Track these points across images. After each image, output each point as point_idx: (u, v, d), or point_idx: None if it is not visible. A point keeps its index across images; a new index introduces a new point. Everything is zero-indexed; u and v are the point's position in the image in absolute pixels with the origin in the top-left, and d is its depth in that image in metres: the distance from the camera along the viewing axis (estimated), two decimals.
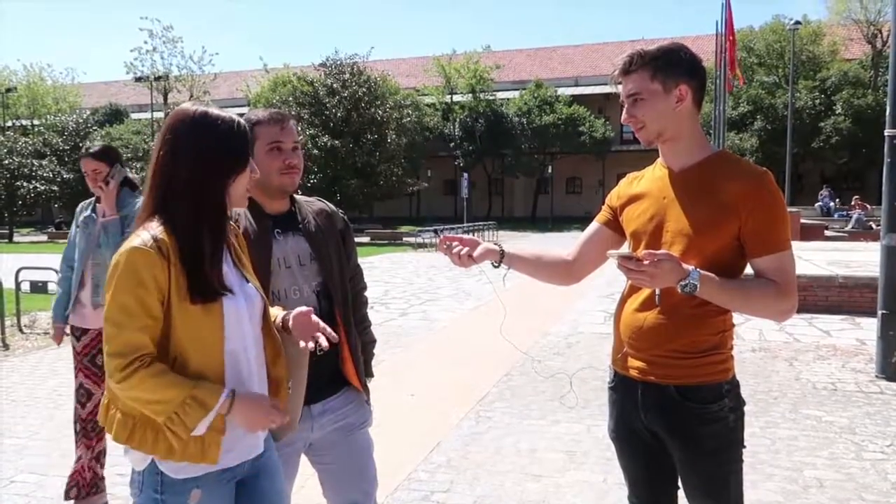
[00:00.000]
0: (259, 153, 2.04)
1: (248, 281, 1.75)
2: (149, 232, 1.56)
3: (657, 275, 1.67)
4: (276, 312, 1.91)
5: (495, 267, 2.03)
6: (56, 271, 9.00)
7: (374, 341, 2.43)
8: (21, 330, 8.34)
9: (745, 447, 1.92)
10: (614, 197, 2.07)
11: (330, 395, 2.15)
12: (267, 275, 2.02)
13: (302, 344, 1.77)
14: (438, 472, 3.92)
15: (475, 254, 1.94)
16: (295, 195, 2.20)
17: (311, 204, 2.25)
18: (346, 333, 2.16)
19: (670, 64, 1.82)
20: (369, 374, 2.35)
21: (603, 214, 2.10)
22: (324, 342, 1.77)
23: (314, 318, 1.81)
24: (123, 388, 1.52)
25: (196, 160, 1.60)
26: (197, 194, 1.60)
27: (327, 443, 2.18)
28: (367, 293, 2.48)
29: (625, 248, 1.96)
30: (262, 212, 2.08)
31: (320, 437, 2.16)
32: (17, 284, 8.67)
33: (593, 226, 2.12)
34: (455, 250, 1.95)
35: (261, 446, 1.76)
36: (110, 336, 1.53)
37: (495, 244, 2.01)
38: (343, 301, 2.19)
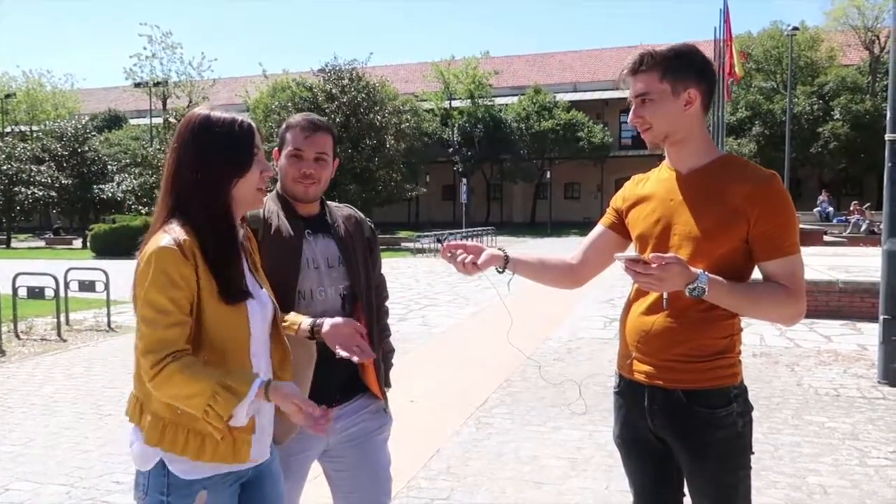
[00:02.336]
0: (284, 157, 2.10)
1: (261, 287, 1.78)
2: (170, 234, 1.59)
3: (665, 278, 1.64)
4: (297, 319, 1.93)
5: (500, 272, 2.00)
6: (54, 277, 8.93)
7: (392, 351, 2.41)
8: (18, 336, 8.29)
9: (753, 453, 1.89)
10: (620, 199, 2.05)
11: (345, 400, 2.14)
12: (296, 273, 2.03)
13: (344, 353, 1.84)
14: (438, 479, 3.88)
15: (479, 261, 1.92)
16: (326, 200, 2.22)
17: (340, 209, 2.27)
18: (370, 338, 2.15)
19: (681, 66, 1.79)
20: (387, 384, 2.32)
21: (608, 217, 2.07)
22: (356, 357, 1.86)
23: (354, 328, 1.87)
24: (156, 385, 1.53)
25: (197, 163, 1.64)
26: (203, 196, 1.63)
27: (341, 449, 2.16)
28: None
29: (630, 251, 1.93)
30: (295, 212, 2.11)
31: (335, 442, 2.14)
32: (14, 290, 8.63)
33: (598, 229, 2.09)
34: (459, 258, 1.93)
35: (267, 453, 1.78)
36: (143, 335, 1.55)
37: (499, 249, 1.99)
38: (368, 306, 2.18)
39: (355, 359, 1.87)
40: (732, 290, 1.72)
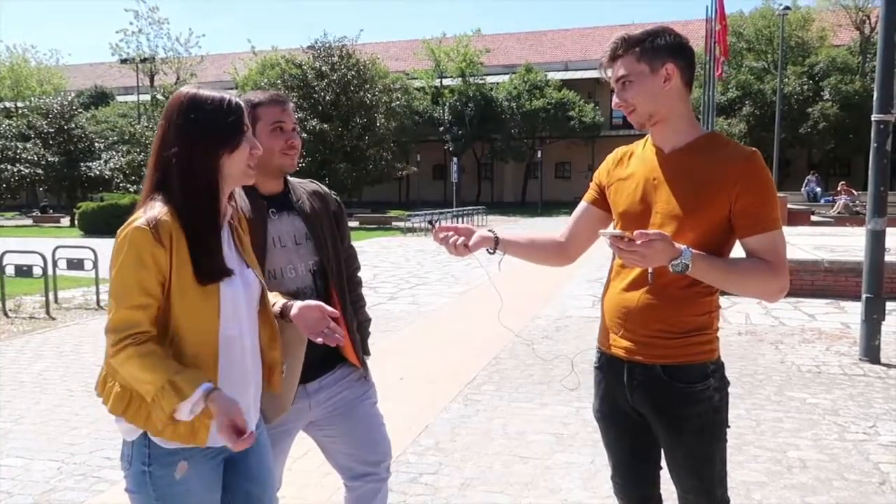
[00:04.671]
0: (261, 134, 2.08)
1: (248, 266, 1.78)
2: (149, 212, 1.60)
3: (649, 254, 1.67)
4: (276, 299, 1.94)
5: (491, 254, 2.03)
6: (42, 255, 8.87)
7: (369, 320, 2.46)
8: (6, 314, 8.27)
9: (729, 427, 1.94)
10: (603, 174, 2.07)
11: (325, 372, 2.17)
12: (262, 254, 2.04)
13: (319, 340, 1.87)
14: (427, 455, 3.93)
15: (470, 243, 1.95)
16: (288, 176, 2.21)
17: (304, 185, 2.27)
18: (342, 311, 2.19)
19: (655, 45, 1.82)
20: (366, 353, 2.37)
21: (590, 193, 2.10)
22: (331, 340, 1.88)
23: (323, 312, 1.88)
24: (115, 363, 1.57)
25: (184, 140, 1.64)
26: (187, 173, 1.63)
27: (329, 418, 2.20)
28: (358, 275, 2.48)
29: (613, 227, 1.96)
30: (257, 192, 2.10)
31: (320, 414, 2.18)
32: (2, 268, 8.58)
33: (582, 205, 2.12)
34: (451, 240, 1.95)
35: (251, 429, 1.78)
36: (110, 310, 1.60)
37: (489, 231, 2.01)
38: (339, 279, 2.21)
39: (319, 340, 1.88)
40: (715, 266, 1.75)
